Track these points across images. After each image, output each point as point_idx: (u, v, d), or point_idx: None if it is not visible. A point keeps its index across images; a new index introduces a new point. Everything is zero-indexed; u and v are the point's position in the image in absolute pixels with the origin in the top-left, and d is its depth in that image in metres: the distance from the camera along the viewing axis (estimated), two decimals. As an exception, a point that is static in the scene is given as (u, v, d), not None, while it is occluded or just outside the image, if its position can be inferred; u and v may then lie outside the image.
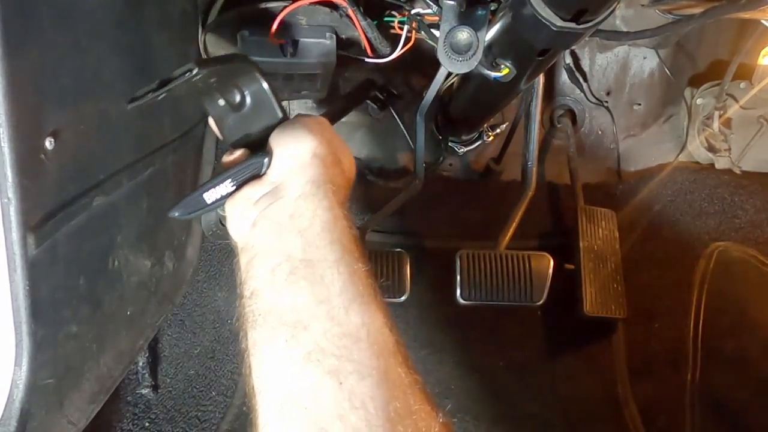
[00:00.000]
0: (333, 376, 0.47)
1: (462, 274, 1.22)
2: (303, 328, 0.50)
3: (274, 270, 0.53)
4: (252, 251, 0.56)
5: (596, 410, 1.37)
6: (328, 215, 0.56)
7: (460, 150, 1.46)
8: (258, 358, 0.52)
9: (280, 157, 0.59)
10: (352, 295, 0.52)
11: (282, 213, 0.56)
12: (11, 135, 0.61)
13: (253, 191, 0.58)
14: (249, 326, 0.53)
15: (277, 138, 0.61)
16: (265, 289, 0.53)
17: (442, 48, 0.77)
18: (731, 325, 1.24)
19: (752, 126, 1.47)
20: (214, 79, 0.64)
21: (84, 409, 0.86)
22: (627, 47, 1.49)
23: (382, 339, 0.51)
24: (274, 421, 0.48)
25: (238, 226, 0.59)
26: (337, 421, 0.45)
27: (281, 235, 0.55)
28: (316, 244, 0.54)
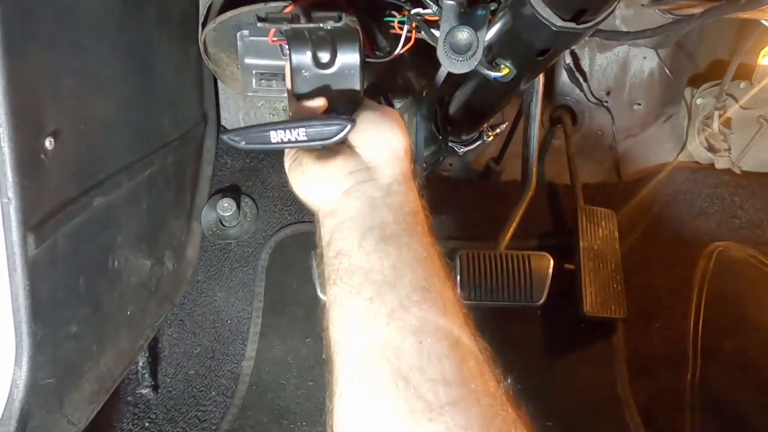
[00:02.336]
0: (414, 334, 0.50)
1: (462, 274, 1.22)
2: (389, 288, 0.53)
3: (364, 235, 0.56)
4: (342, 216, 0.59)
5: (596, 410, 1.37)
6: (416, 205, 0.61)
7: (460, 150, 1.46)
8: (339, 312, 0.54)
9: (377, 143, 0.62)
10: (434, 269, 0.56)
11: (377, 190, 0.60)
12: (11, 135, 0.61)
13: (349, 164, 0.61)
14: (331, 284, 0.56)
15: (371, 116, 0.64)
16: (353, 250, 0.56)
17: (442, 48, 0.77)
18: (731, 324, 1.24)
19: (752, 126, 1.47)
20: (322, 33, 0.65)
21: (84, 409, 0.86)
22: (627, 47, 1.49)
23: (455, 311, 0.54)
24: (354, 369, 0.51)
25: (328, 192, 0.61)
26: (416, 372, 0.48)
27: (374, 207, 0.58)
28: (406, 221, 0.58)
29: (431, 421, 0.46)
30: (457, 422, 0.46)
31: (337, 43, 0.67)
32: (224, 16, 1.00)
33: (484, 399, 0.48)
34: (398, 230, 0.57)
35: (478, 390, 0.49)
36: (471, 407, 0.47)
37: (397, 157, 0.62)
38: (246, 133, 0.62)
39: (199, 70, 1.30)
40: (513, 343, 1.43)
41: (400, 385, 0.48)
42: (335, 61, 0.67)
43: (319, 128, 0.59)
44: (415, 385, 0.47)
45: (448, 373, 0.49)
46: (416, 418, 0.46)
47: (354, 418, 0.49)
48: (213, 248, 1.43)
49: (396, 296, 0.52)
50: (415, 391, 0.47)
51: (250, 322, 1.39)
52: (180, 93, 1.22)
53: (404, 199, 0.60)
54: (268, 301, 1.41)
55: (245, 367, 1.37)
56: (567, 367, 1.43)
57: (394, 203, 0.59)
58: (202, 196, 1.41)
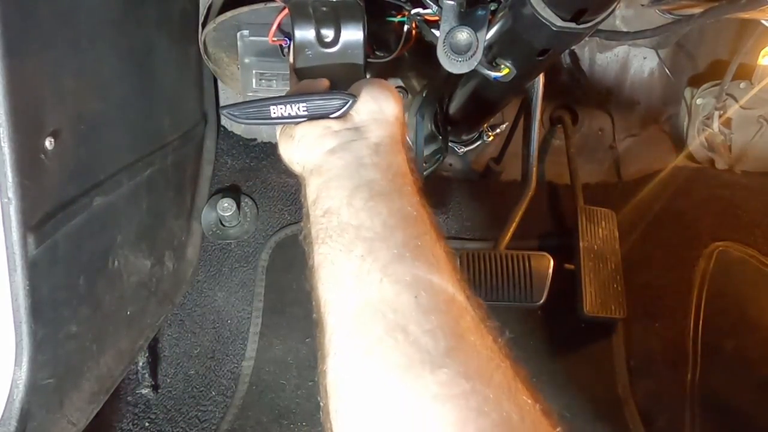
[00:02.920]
0: (408, 289, 0.49)
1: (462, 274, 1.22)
2: (380, 245, 0.52)
3: (353, 192, 0.55)
4: (329, 174, 0.57)
5: (596, 410, 1.37)
6: (404, 166, 0.60)
7: (460, 150, 1.46)
8: (330, 270, 0.53)
9: (369, 105, 0.61)
10: (425, 228, 0.55)
11: (364, 149, 0.58)
12: (11, 135, 0.61)
13: (335, 123, 0.60)
14: (319, 243, 0.54)
15: (369, 88, 0.63)
16: (342, 208, 0.55)
17: (442, 48, 0.77)
18: (731, 324, 1.24)
19: (752, 126, 1.47)
20: (326, 9, 0.64)
21: (84, 408, 0.87)
22: (627, 47, 1.49)
23: (449, 266, 0.53)
24: (349, 326, 0.50)
25: (312, 149, 0.60)
26: (413, 325, 0.47)
27: (362, 166, 0.57)
28: (395, 180, 0.57)
29: (432, 371, 0.44)
30: (458, 372, 0.45)
31: (341, 19, 0.66)
32: (224, 16, 1.00)
33: (483, 351, 0.48)
34: (387, 188, 0.56)
35: (477, 343, 0.48)
36: (471, 358, 0.46)
37: (387, 121, 0.61)
38: (245, 108, 0.60)
39: (199, 70, 1.30)
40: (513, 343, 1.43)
41: (399, 338, 0.46)
42: (339, 40, 0.66)
43: (320, 103, 0.59)
44: (413, 337, 0.46)
45: (445, 326, 0.47)
46: (416, 370, 0.45)
47: (351, 375, 0.48)
48: (213, 248, 1.43)
49: (388, 252, 0.51)
50: (414, 343, 0.46)
51: (250, 322, 1.40)
52: (180, 93, 1.22)
53: (393, 159, 0.59)
54: (268, 301, 1.41)
55: (245, 367, 1.37)
56: (567, 367, 1.43)
57: (382, 162, 0.58)
58: (202, 196, 1.41)
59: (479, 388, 0.44)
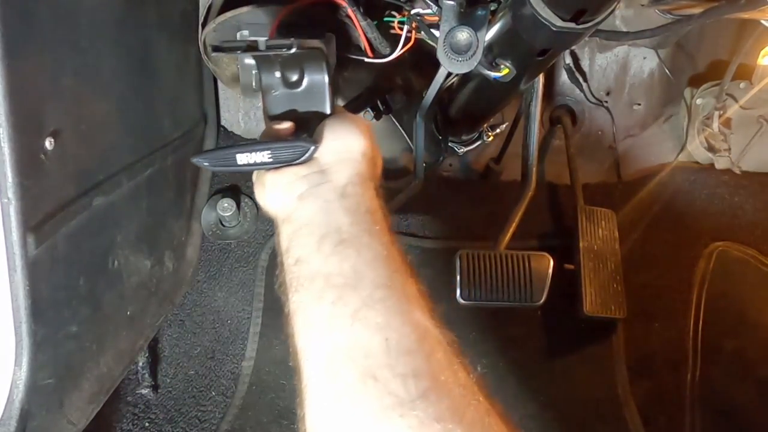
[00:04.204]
0: (379, 332, 0.50)
1: (462, 274, 1.22)
2: (350, 290, 0.53)
3: (322, 239, 0.56)
4: (298, 222, 0.59)
5: (596, 410, 1.37)
6: (372, 204, 0.61)
7: (460, 150, 1.46)
8: (303, 318, 0.54)
9: (333, 146, 0.63)
10: (395, 266, 0.56)
11: (331, 193, 0.60)
12: (11, 135, 0.61)
13: (302, 168, 0.62)
14: (293, 291, 0.56)
15: (331, 128, 0.64)
16: (311, 256, 0.56)
17: (442, 48, 0.77)
18: (731, 324, 1.24)
19: (752, 126, 1.47)
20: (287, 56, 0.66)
21: (84, 409, 0.86)
22: (627, 47, 1.49)
23: (420, 305, 0.54)
24: (322, 373, 0.50)
25: (282, 197, 0.62)
26: (384, 369, 0.48)
27: (330, 211, 0.58)
28: (363, 221, 0.58)
29: (402, 416, 0.45)
30: (429, 414, 0.45)
31: (303, 63, 0.69)
32: (224, 17, 1.00)
33: (455, 390, 0.48)
34: (356, 231, 0.57)
35: (449, 381, 0.48)
36: (442, 399, 0.47)
37: (353, 159, 0.63)
38: (214, 155, 0.64)
39: (199, 71, 1.30)
40: (513, 343, 1.43)
41: (369, 383, 0.47)
42: (303, 81, 0.69)
43: (283, 150, 0.61)
44: (384, 381, 0.47)
45: (417, 367, 0.48)
46: (387, 415, 0.45)
47: (324, 421, 0.49)
48: (213, 248, 1.43)
49: (358, 296, 0.52)
50: (385, 388, 0.46)
51: (250, 322, 1.40)
52: (180, 93, 1.22)
53: (360, 200, 0.60)
54: (268, 301, 1.41)
55: (245, 367, 1.37)
56: (567, 367, 1.43)
57: (350, 205, 0.59)
58: (202, 196, 1.41)
59: (451, 428, 0.45)
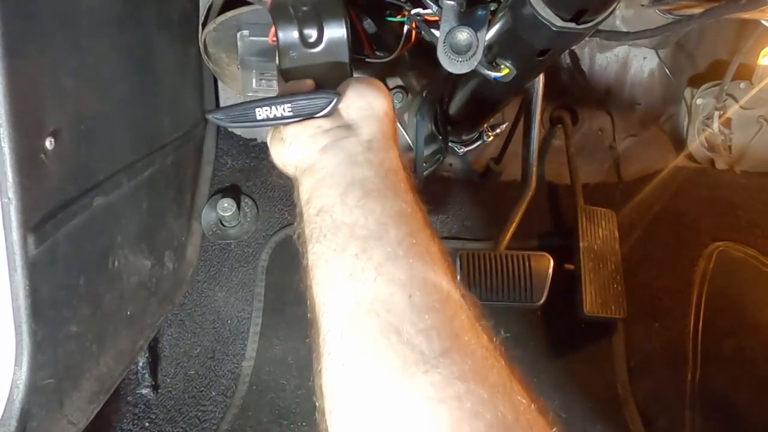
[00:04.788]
0: (402, 288, 0.49)
1: (462, 274, 1.22)
2: (375, 244, 0.51)
3: (346, 190, 0.55)
4: (321, 172, 0.57)
5: (596, 410, 1.37)
6: (396, 162, 0.60)
7: (460, 150, 1.46)
8: (324, 270, 0.53)
9: (358, 102, 0.62)
10: (419, 225, 0.55)
11: (356, 146, 0.58)
12: (11, 135, 0.61)
13: (326, 122, 0.60)
14: (313, 242, 0.54)
15: (355, 86, 0.63)
16: (335, 206, 0.54)
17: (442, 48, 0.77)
18: (731, 324, 1.24)
19: (752, 126, 1.47)
20: (306, 8, 0.64)
21: (84, 409, 0.86)
22: (627, 47, 1.49)
23: (444, 264, 0.53)
24: (343, 326, 0.49)
25: (304, 148, 0.60)
26: (407, 325, 0.47)
27: (354, 164, 0.57)
28: (388, 178, 0.57)
29: (426, 372, 0.44)
30: (452, 372, 0.44)
31: (323, 18, 0.66)
32: (224, 16, 1.00)
33: (478, 351, 0.47)
34: (380, 185, 0.55)
35: (472, 342, 0.47)
36: (466, 359, 0.46)
37: (377, 117, 0.62)
38: (231, 111, 0.61)
39: (200, 70, 1.30)
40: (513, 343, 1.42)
41: (392, 338, 0.46)
42: (323, 39, 0.66)
43: (304, 103, 0.59)
44: (407, 337, 0.46)
45: (440, 325, 0.47)
46: (411, 371, 0.44)
47: (346, 376, 0.48)
48: (213, 248, 1.43)
49: (382, 251, 0.51)
50: (408, 343, 0.46)
51: (250, 322, 1.40)
52: (180, 93, 1.22)
53: (385, 156, 0.59)
54: (268, 301, 1.41)
55: (245, 367, 1.37)
56: (567, 367, 1.43)
57: (374, 159, 0.58)
58: (202, 196, 1.41)
59: (473, 389, 0.44)
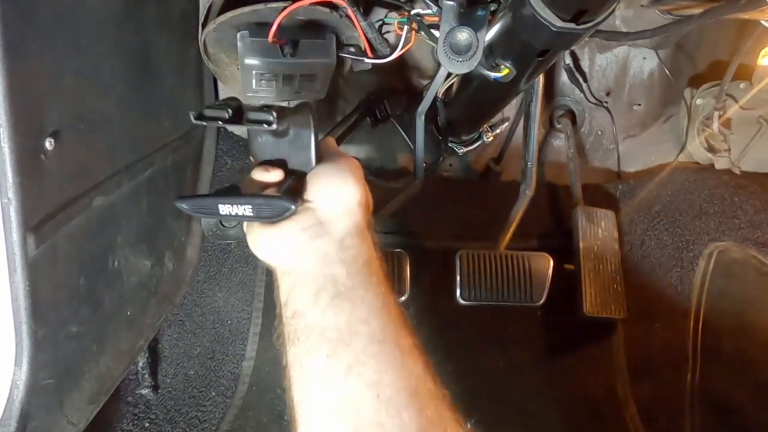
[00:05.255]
0: (371, 388, 0.52)
1: (462, 274, 1.23)
2: (344, 345, 0.54)
3: (318, 292, 0.57)
4: (296, 275, 0.60)
5: (596, 410, 1.37)
6: (370, 255, 0.62)
7: (460, 150, 1.46)
8: (299, 371, 0.56)
9: (329, 196, 0.63)
10: (389, 318, 0.57)
11: (330, 245, 0.60)
12: (11, 135, 0.61)
13: (301, 221, 0.62)
14: (290, 343, 0.58)
15: (325, 177, 0.65)
16: (308, 309, 0.57)
17: (442, 48, 0.77)
18: (731, 325, 1.24)
19: (752, 126, 1.47)
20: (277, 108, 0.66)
21: (84, 409, 0.86)
22: (627, 47, 1.49)
23: (413, 359, 0.55)
24: (315, 425, 0.52)
25: (279, 251, 0.62)
26: (375, 428, 0.49)
27: (327, 263, 0.59)
28: (360, 273, 0.59)
29: None
30: None
31: (290, 118, 0.68)
32: (224, 17, 1.00)
33: None
34: (352, 284, 0.58)
35: None
36: None
37: (350, 210, 0.63)
38: (196, 201, 0.64)
39: (199, 71, 1.30)
40: (513, 344, 1.43)
41: None
42: (289, 131, 0.68)
43: (264, 207, 0.61)
44: None
45: (407, 425, 0.49)
46: None
47: None
48: (213, 249, 1.43)
49: (352, 351, 0.53)
50: None
51: (250, 322, 1.40)
52: (180, 93, 1.22)
53: (358, 251, 0.61)
54: (268, 302, 1.41)
55: (245, 367, 1.37)
56: (567, 367, 1.43)
57: (347, 257, 0.60)
58: (202, 196, 1.41)
59: None
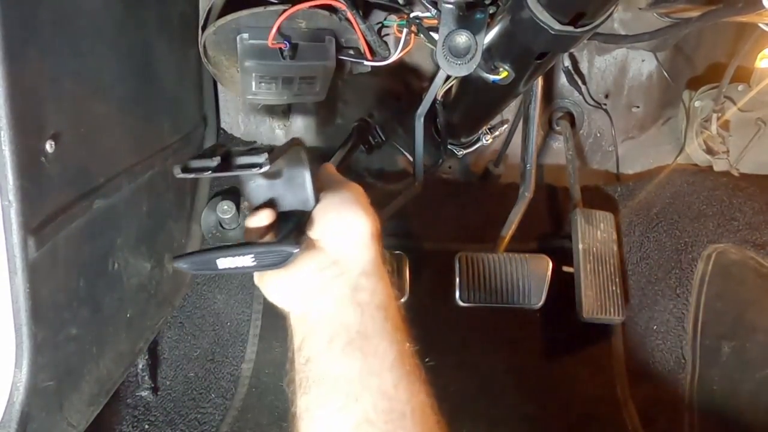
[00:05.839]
0: None
1: (461, 276, 1.23)
2: (354, 399, 0.53)
3: (332, 339, 0.56)
4: (310, 320, 0.58)
5: (595, 411, 1.37)
6: (385, 294, 0.60)
7: (460, 152, 1.46)
8: (308, 422, 0.55)
9: (341, 232, 0.60)
10: (402, 373, 0.55)
11: (345, 286, 0.58)
12: (12, 138, 0.61)
13: (314, 263, 0.59)
14: (302, 391, 0.56)
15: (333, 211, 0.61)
16: (321, 357, 0.56)
17: (441, 51, 0.77)
18: (730, 326, 1.24)
19: (750, 128, 1.47)
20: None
21: (84, 411, 0.87)
22: (625, 50, 1.50)
23: (425, 417, 0.54)
24: None
25: (296, 295, 0.60)
26: None
27: (341, 307, 0.57)
28: (374, 318, 0.57)
29: None
30: None
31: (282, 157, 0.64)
32: (224, 20, 1.00)
33: None
34: (366, 331, 0.56)
35: None
36: None
37: (364, 243, 0.60)
38: (194, 258, 0.59)
39: (199, 73, 1.30)
40: (512, 346, 1.43)
41: None
42: (282, 172, 0.65)
43: (266, 254, 0.57)
44: None
45: None
46: None
47: None
48: (213, 250, 1.43)
49: (361, 408, 0.53)
50: None
51: (250, 324, 1.40)
52: (180, 96, 1.22)
53: (373, 293, 0.59)
54: (268, 304, 1.39)
55: (245, 369, 1.37)
56: (566, 369, 1.43)
57: (362, 300, 0.58)
58: (202, 198, 1.42)
59: None
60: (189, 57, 1.20)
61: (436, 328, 1.39)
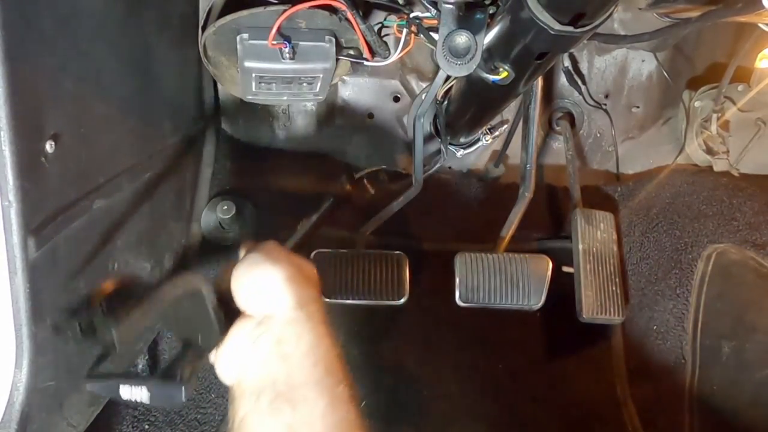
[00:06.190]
0: None
1: (461, 276, 1.23)
2: None
3: (259, 397, 0.57)
4: (243, 384, 0.59)
5: (595, 412, 1.37)
6: (312, 336, 0.60)
7: (459, 153, 1.46)
8: None
9: (252, 293, 0.62)
10: (334, 420, 0.55)
11: (269, 343, 0.59)
12: (12, 138, 0.61)
13: (245, 329, 0.62)
14: None
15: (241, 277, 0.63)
16: (250, 416, 0.56)
17: (441, 52, 0.77)
18: (730, 326, 1.25)
19: (750, 128, 1.47)
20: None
21: (84, 411, 0.87)
22: (625, 50, 1.50)
23: None
24: None
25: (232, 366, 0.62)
26: None
27: (267, 364, 0.58)
28: (301, 366, 0.58)
29: None
30: None
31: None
32: (224, 20, 1.00)
33: None
34: (293, 382, 0.57)
35: None
36: None
37: (280, 293, 0.61)
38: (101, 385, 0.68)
39: (199, 74, 1.30)
40: (512, 346, 1.43)
41: None
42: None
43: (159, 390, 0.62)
44: None
45: None
46: None
47: None
48: (212, 250, 1.43)
49: None
50: None
51: (250, 324, 1.39)
52: (180, 96, 1.22)
53: (297, 341, 0.59)
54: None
55: (245, 369, 1.37)
56: (566, 370, 1.43)
57: (286, 352, 0.59)
58: (202, 198, 1.41)
59: None
60: (189, 57, 1.20)
61: (435, 328, 1.39)
